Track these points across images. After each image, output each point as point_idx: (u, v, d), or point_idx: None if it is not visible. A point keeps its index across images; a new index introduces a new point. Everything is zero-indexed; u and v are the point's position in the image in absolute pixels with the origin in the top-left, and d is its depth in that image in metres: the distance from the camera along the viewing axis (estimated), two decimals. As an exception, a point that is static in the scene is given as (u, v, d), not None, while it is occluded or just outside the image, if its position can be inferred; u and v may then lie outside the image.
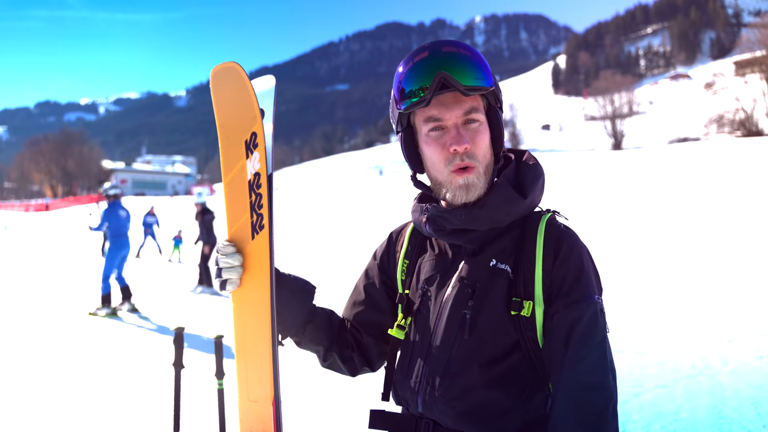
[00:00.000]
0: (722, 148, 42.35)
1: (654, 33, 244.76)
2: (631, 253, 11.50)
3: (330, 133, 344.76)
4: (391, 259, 1.64)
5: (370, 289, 1.66)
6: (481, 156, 1.36)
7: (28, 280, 13.24)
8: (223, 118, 1.46)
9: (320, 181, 66.57)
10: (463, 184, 1.34)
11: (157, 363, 6.47)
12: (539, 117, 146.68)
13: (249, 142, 1.42)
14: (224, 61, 1.44)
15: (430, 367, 1.40)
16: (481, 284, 1.37)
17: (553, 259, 1.33)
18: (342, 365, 1.64)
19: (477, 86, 1.31)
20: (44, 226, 36.42)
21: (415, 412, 1.44)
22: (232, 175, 1.46)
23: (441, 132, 1.35)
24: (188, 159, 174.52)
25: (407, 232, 1.63)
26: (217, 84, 1.45)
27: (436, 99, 1.33)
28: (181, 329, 3.44)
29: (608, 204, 21.41)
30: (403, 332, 1.51)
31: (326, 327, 1.61)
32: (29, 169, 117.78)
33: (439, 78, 1.28)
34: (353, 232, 19.99)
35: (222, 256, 1.43)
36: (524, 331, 1.32)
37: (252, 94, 1.41)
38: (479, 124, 1.36)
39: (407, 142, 1.46)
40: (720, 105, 76.30)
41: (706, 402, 4.55)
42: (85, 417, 4.89)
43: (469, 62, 1.32)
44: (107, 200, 9.66)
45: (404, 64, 1.37)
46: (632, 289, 8.66)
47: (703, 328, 6.64)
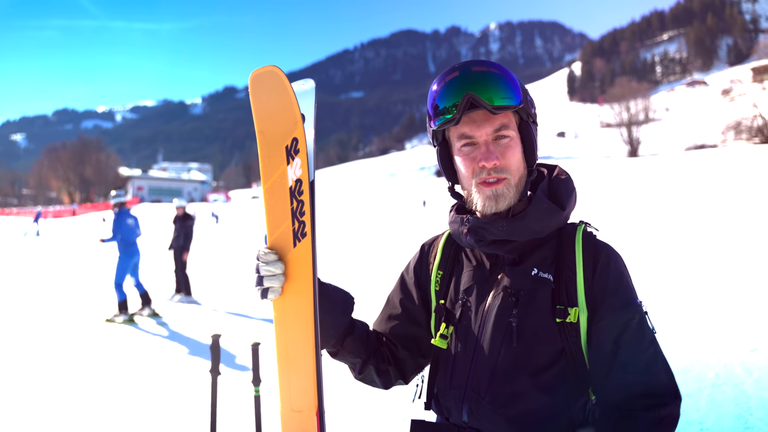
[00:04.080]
0: (740, 155, 41.99)
1: (670, 39, 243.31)
2: (649, 262, 11.46)
3: (345, 141, 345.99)
4: (424, 271, 1.65)
5: (406, 302, 1.66)
6: (514, 169, 1.40)
7: (50, 284, 13.42)
8: (263, 123, 1.42)
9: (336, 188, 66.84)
10: (492, 194, 1.38)
11: (182, 370, 6.57)
12: (554, 124, 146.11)
13: (290, 148, 1.39)
14: (263, 66, 1.40)
15: (475, 376, 1.41)
16: (525, 292, 1.39)
17: (593, 268, 1.38)
18: (377, 378, 1.64)
19: (505, 105, 1.35)
20: (71, 230, 36.88)
21: (458, 422, 1.44)
22: (272, 181, 1.43)
23: (472, 147, 1.40)
24: (204, 166, 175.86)
25: (440, 243, 1.64)
26: (256, 88, 1.41)
27: (467, 116, 1.38)
28: (217, 336, 3.52)
29: (625, 211, 21.30)
30: (446, 342, 1.50)
31: (365, 339, 1.61)
32: (47, 176, 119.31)
33: (467, 98, 1.33)
34: (369, 238, 20.05)
35: (263, 264, 1.40)
36: (569, 337, 1.35)
37: (293, 98, 1.38)
38: (509, 140, 1.40)
39: (443, 155, 1.51)
40: (737, 112, 75.63)
41: (731, 411, 4.56)
42: (112, 424, 4.99)
43: (497, 81, 1.35)
44: (113, 209, 9.62)
45: (437, 83, 1.41)
46: (652, 297, 8.64)
47: (725, 337, 6.63)
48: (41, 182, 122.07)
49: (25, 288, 13.19)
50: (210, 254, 19.48)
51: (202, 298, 11.28)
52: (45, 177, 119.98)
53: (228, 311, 10.02)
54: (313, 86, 1.54)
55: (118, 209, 9.56)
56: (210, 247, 22.10)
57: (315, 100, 1.52)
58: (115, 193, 9.75)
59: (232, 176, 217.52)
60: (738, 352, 6.02)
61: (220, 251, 21.11)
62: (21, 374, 6.47)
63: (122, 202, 9.64)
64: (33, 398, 5.64)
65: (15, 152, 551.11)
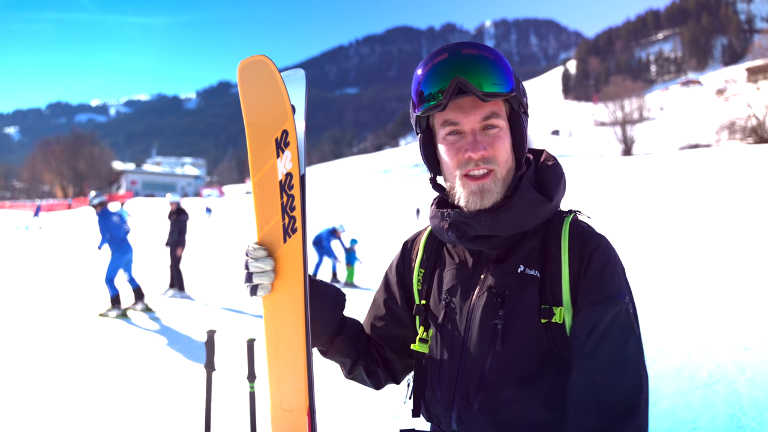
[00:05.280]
0: (734, 155, 42.21)
1: (665, 39, 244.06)
2: (643, 261, 11.51)
3: (339, 137, 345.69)
4: (407, 269, 1.59)
5: (390, 303, 1.60)
6: (502, 161, 1.31)
7: (46, 278, 13.37)
8: (252, 114, 1.37)
9: (329, 184, 66.73)
10: (477, 189, 1.30)
11: (175, 365, 6.55)
12: (549, 122, 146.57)
13: (280, 141, 1.35)
14: (252, 55, 1.34)
15: (463, 382, 1.34)
16: (511, 292, 1.30)
17: (579, 262, 1.28)
18: (367, 378, 1.60)
19: (496, 92, 1.25)
20: (68, 224, 36.71)
21: (447, 430, 1.38)
22: (262, 174, 1.38)
23: (458, 137, 1.31)
24: (198, 161, 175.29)
25: (422, 240, 1.58)
26: (245, 79, 1.36)
27: (454, 103, 1.28)
28: (212, 332, 3.51)
29: (618, 210, 21.37)
30: (426, 345, 1.44)
31: (355, 339, 1.57)
32: (41, 169, 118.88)
33: (456, 82, 1.23)
34: (361, 235, 20.02)
35: (252, 260, 1.36)
36: (556, 339, 1.26)
37: (283, 89, 1.33)
38: (498, 130, 1.30)
39: (426, 144, 1.41)
40: (732, 111, 76.08)
41: (724, 410, 4.58)
42: (105, 419, 4.97)
43: (489, 66, 1.26)
44: (95, 210, 9.48)
45: (423, 66, 1.31)
46: (645, 296, 8.68)
47: (718, 336, 6.67)
48: (34, 176, 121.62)
49: (20, 282, 13.13)
50: (204, 249, 19.44)
51: (195, 294, 11.27)
52: (38, 170, 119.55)
53: (221, 306, 10.01)
54: (303, 76, 1.46)
55: (100, 209, 9.45)
56: (203, 242, 22.06)
57: (306, 90, 1.45)
58: (95, 193, 9.64)
59: (225, 171, 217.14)
60: (731, 351, 6.06)
61: (214, 246, 21.08)
62: (13, 368, 6.43)
63: (103, 202, 9.54)
64: (25, 392, 5.61)
65: (8, 145, 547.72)
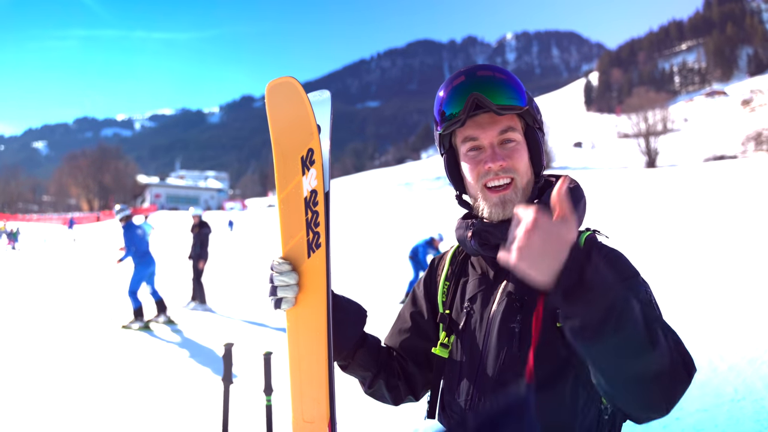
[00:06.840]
0: (761, 166, 41.50)
1: (689, 49, 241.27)
2: (667, 274, 11.34)
3: (361, 150, 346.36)
4: (433, 283, 1.65)
5: (416, 316, 1.65)
6: (522, 171, 1.39)
7: (72, 290, 13.55)
8: (279, 133, 1.43)
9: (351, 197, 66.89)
10: (499, 201, 1.38)
11: (195, 377, 6.59)
12: (571, 134, 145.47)
13: (305, 159, 1.40)
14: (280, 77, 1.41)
15: (481, 385, 1.38)
16: (530, 298, 1.36)
17: None
18: (387, 393, 1.62)
19: (510, 105, 1.35)
20: (98, 236, 37.25)
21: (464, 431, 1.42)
22: (288, 191, 1.43)
23: (478, 152, 1.39)
24: (221, 174, 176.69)
25: (448, 255, 1.65)
26: (272, 99, 1.42)
27: (472, 120, 1.38)
28: (230, 345, 3.53)
29: (642, 223, 21.11)
30: (447, 350, 1.50)
31: (376, 353, 1.60)
32: (67, 183, 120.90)
33: (472, 99, 1.33)
34: (383, 250, 20.01)
35: (277, 274, 1.41)
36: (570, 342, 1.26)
37: (309, 110, 1.39)
38: (515, 144, 1.39)
39: (450, 163, 1.50)
40: (758, 122, 75.10)
41: (750, 428, 4.48)
42: (125, 429, 5.01)
43: (502, 84, 1.36)
44: (121, 223, 9.60)
45: (444, 88, 1.42)
46: (669, 309, 8.54)
47: (745, 351, 6.53)
48: (61, 189, 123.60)
49: (48, 293, 13.35)
50: (225, 262, 19.57)
51: (216, 306, 11.34)
52: (65, 184, 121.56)
53: (242, 319, 10.07)
54: (329, 97, 1.55)
55: (125, 222, 9.56)
56: (225, 255, 22.22)
57: (331, 111, 1.52)
58: (120, 207, 9.78)
59: (248, 184, 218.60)
60: (758, 367, 5.92)
61: (236, 259, 21.21)
62: (37, 377, 6.53)
63: (128, 215, 9.68)
64: (49, 401, 5.69)
65: (36, 159, 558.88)
